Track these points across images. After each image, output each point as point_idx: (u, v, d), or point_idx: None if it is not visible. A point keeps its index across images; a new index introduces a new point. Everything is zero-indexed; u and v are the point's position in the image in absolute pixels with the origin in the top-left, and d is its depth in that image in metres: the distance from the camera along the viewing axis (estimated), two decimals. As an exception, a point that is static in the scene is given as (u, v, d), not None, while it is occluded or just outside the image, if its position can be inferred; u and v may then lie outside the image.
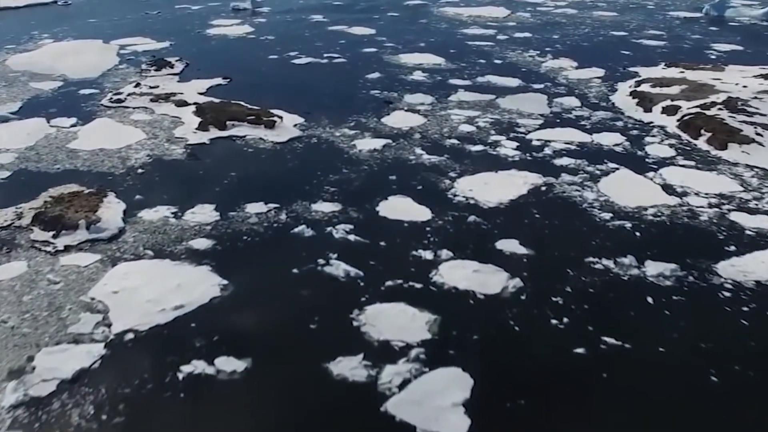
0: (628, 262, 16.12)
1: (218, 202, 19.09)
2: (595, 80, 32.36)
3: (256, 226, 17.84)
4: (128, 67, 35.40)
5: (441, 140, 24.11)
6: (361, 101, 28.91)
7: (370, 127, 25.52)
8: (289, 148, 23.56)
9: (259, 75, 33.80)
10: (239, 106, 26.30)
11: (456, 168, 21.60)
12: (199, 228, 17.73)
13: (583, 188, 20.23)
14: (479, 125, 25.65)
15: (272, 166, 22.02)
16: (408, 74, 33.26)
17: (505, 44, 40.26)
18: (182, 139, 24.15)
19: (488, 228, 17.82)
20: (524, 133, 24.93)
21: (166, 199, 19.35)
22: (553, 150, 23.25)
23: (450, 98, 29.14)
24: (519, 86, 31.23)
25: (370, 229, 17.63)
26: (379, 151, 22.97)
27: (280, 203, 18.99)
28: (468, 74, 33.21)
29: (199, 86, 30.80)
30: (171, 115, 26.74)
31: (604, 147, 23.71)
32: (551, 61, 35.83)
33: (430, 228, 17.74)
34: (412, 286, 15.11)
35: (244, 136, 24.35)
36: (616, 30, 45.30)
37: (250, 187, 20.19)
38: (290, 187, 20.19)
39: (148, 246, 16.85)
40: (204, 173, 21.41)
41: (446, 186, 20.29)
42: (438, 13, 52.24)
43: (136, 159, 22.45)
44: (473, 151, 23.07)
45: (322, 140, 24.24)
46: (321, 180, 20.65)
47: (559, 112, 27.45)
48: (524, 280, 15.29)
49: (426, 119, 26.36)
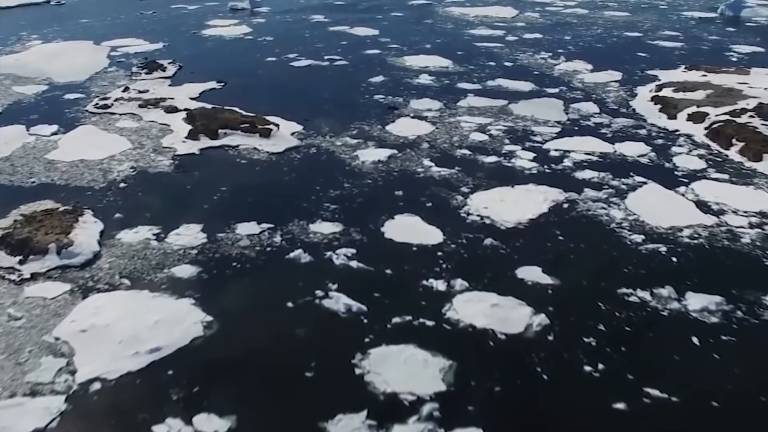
0: (667, 293, 14.21)
1: (206, 222, 17.22)
2: (612, 84, 30.45)
3: (248, 250, 15.96)
4: (118, 70, 33.55)
5: (451, 150, 22.21)
6: (363, 107, 27.03)
7: (373, 135, 23.63)
8: (286, 159, 21.67)
9: (256, 78, 31.92)
10: (233, 113, 24.44)
11: (468, 182, 19.70)
12: (183, 252, 15.85)
13: (609, 205, 18.32)
14: (492, 133, 23.76)
15: (267, 180, 20.14)
16: (413, 78, 31.36)
17: (514, 46, 38.36)
18: (170, 149, 22.28)
19: (507, 253, 15.92)
20: (541, 142, 23.02)
21: (149, 218, 17.49)
22: (573, 161, 21.34)
23: (459, 104, 27.25)
24: (532, 91, 29.32)
25: (374, 254, 15.74)
26: (383, 163, 21.08)
27: (274, 223, 17.11)
28: (477, 78, 31.30)
29: (191, 91, 28.95)
30: (159, 123, 24.89)
31: (628, 158, 21.80)
32: (565, 64, 33.92)
33: (442, 253, 15.84)
34: (422, 323, 13.22)
35: (237, 146, 22.48)
36: (630, 31, 43.38)
37: (241, 205, 18.32)
38: (286, 205, 18.32)
39: (125, 274, 14.98)
40: (192, 188, 19.54)
41: (458, 203, 18.39)
42: (443, 13, 50.35)
43: (118, 172, 20.59)
44: (486, 163, 21.17)
45: (321, 150, 22.36)
46: (320, 196, 18.76)
47: (577, 119, 25.53)
48: (550, 316, 13.39)
49: (434, 127, 24.47)
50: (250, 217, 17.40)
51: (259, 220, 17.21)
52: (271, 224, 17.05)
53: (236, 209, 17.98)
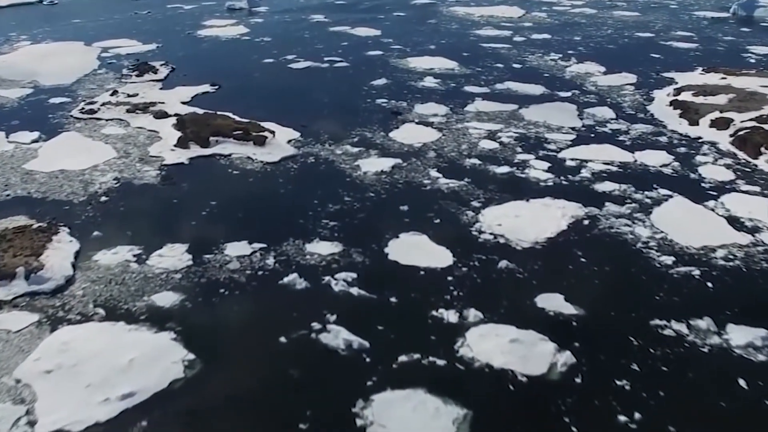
0: (705, 326, 12.66)
1: (192, 242, 15.68)
2: (627, 87, 28.88)
3: (237, 274, 14.41)
4: (108, 72, 32.02)
5: (459, 160, 20.66)
6: (365, 112, 25.48)
7: (376, 143, 22.08)
8: (282, 169, 20.12)
9: (252, 81, 30.35)
10: (225, 119, 22.89)
11: (479, 195, 18.15)
12: (165, 277, 14.31)
13: (634, 222, 16.76)
14: (502, 141, 22.20)
15: (260, 193, 18.58)
16: (418, 80, 29.81)
17: (522, 46, 36.79)
18: (157, 159, 20.74)
19: (524, 277, 14.36)
20: (555, 150, 21.46)
21: (130, 237, 15.95)
22: (591, 172, 19.78)
23: (467, 108, 25.69)
24: (543, 94, 27.76)
25: (377, 279, 14.18)
26: (387, 174, 19.52)
27: (267, 242, 15.57)
28: (485, 80, 29.74)
29: (183, 94, 27.41)
30: (148, 129, 23.36)
31: (650, 168, 20.24)
32: (576, 66, 32.36)
33: (452, 277, 14.29)
34: (432, 362, 11.67)
35: (229, 154, 20.92)
36: (641, 31, 41.82)
37: (232, 221, 16.78)
38: (281, 221, 16.80)
39: (100, 302, 13.44)
40: (179, 202, 18.00)
41: (469, 219, 16.83)
42: (447, 13, 48.80)
43: (100, 184, 19.04)
44: (498, 174, 19.61)
45: (320, 160, 20.80)
46: (318, 211, 17.22)
47: (593, 125, 23.97)
48: (577, 354, 11.85)
49: (441, 134, 22.91)
50: (241, 235, 15.86)
51: (250, 239, 15.67)
52: (264, 244, 15.51)
53: (226, 226, 16.44)
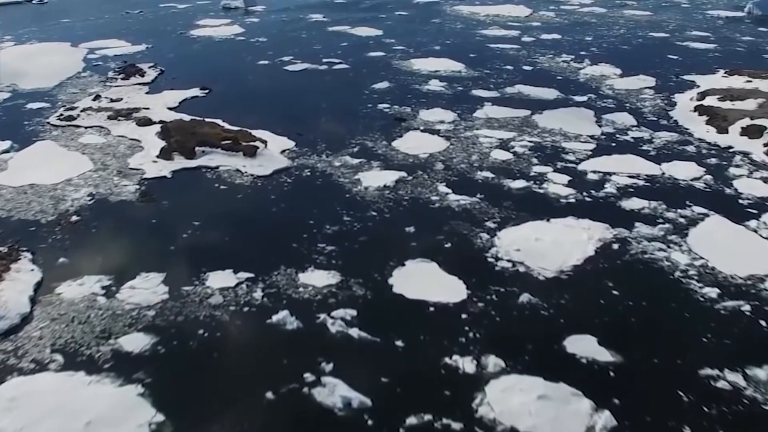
0: (766, 376, 10.79)
1: (170, 270, 13.80)
2: (646, 91, 26.98)
3: (219, 310, 12.53)
4: (92, 75, 30.12)
5: (470, 172, 18.76)
6: (366, 118, 23.58)
7: (378, 153, 20.19)
8: (274, 184, 18.22)
9: (244, 85, 28.44)
10: (214, 127, 20.99)
11: (494, 214, 16.25)
12: (136, 314, 12.43)
13: (669, 246, 14.87)
14: (516, 151, 20.30)
15: (249, 213, 16.68)
16: (422, 83, 27.90)
17: (532, 47, 34.88)
18: (137, 172, 18.85)
19: (550, 315, 12.47)
20: (574, 162, 19.57)
21: (100, 265, 14.07)
22: (616, 186, 17.90)
23: (476, 114, 23.79)
24: (557, 99, 25.86)
25: (380, 318, 12.30)
26: (391, 189, 17.63)
27: (255, 271, 13.68)
28: (494, 83, 27.84)
29: (170, 99, 25.52)
30: (129, 138, 21.47)
31: (680, 182, 18.35)
32: (590, 68, 30.45)
33: (467, 315, 12.40)
34: (447, 426, 9.79)
35: (216, 167, 19.04)
36: (655, 31, 39.89)
37: (216, 246, 14.90)
38: (271, 245, 14.91)
39: (59, 345, 11.56)
40: (158, 223, 16.10)
41: (484, 243, 14.93)
42: (452, 12, 46.86)
43: (73, 200, 17.16)
44: (514, 189, 17.73)
45: (316, 173, 18.90)
46: (314, 233, 15.33)
47: (613, 133, 22.07)
48: (618, 414, 9.97)
49: (448, 143, 21.02)
50: (226, 262, 13.98)
51: (236, 268, 13.79)
52: (251, 273, 13.62)
53: (209, 252, 14.56)
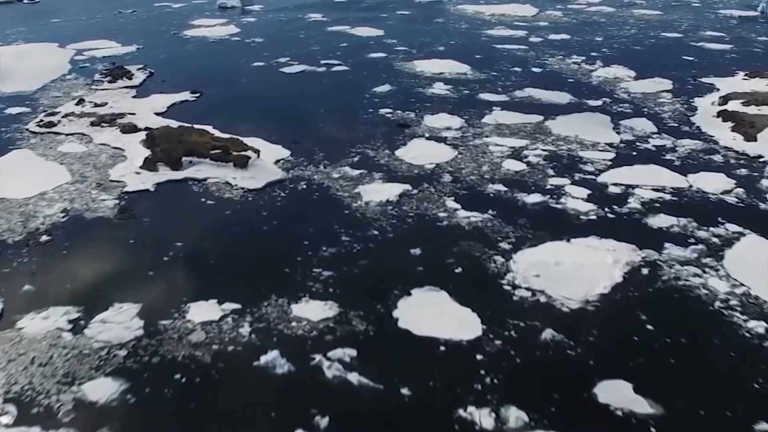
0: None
1: (147, 300, 12.27)
2: (663, 95, 25.44)
3: (200, 350, 10.98)
4: (77, 78, 28.55)
5: (481, 185, 17.22)
6: (367, 124, 22.04)
7: (380, 163, 18.65)
8: (266, 199, 16.66)
9: (238, 88, 26.86)
10: (203, 134, 19.44)
11: (508, 233, 14.71)
12: (106, 354, 10.88)
13: (704, 271, 13.32)
14: (530, 161, 18.77)
15: (238, 232, 15.13)
16: (426, 87, 26.36)
17: (540, 48, 33.33)
18: (118, 185, 17.30)
19: (577, 355, 10.92)
20: (593, 173, 18.03)
21: (69, 293, 12.54)
22: (640, 201, 16.36)
23: (484, 120, 22.25)
24: (570, 103, 24.32)
25: (384, 359, 10.76)
26: (394, 205, 16.08)
27: (243, 302, 12.15)
28: (502, 87, 26.30)
29: (158, 103, 23.98)
30: (112, 146, 19.93)
31: (710, 196, 16.81)
32: (603, 70, 28.91)
33: (483, 356, 10.85)
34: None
35: (204, 179, 17.49)
36: (667, 31, 38.37)
37: (200, 271, 13.36)
38: (261, 270, 13.37)
39: (13, 394, 10.01)
40: (136, 243, 14.54)
41: (498, 268, 13.38)
42: (455, 12, 45.30)
43: (44, 218, 15.62)
44: (529, 205, 16.18)
45: (313, 186, 17.35)
46: (309, 256, 13.78)
47: (632, 141, 20.53)
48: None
49: (456, 152, 19.47)
50: (210, 291, 12.45)
51: (221, 297, 12.26)
52: (238, 304, 12.08)
53: (192, 278, 13.03)
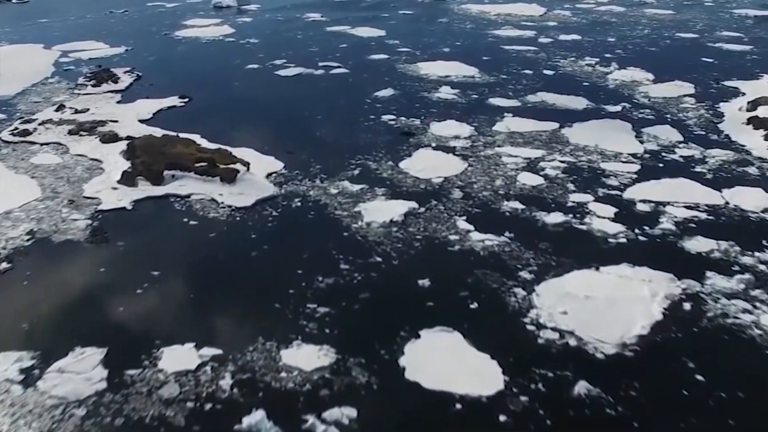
0: None
1: (114, 343, 10.57)
2: (686, 99, 23.72)
3: (172, 409, 9.26)
4: (60, 81, 26.87)
5: (495, 202, 15.51)
6: (368, 132, 20.34)
7: (383, 177, 16.95)
8: (256, 219, 14.94)
9: (229, 93, 25.12)
10: (188, 145, 17.73)
11: (529, 260, 13.00)
12: (60, 414, 9.18)
13: (755, 306, 11.60)
14: (547, 174, 17.07)
15: (223, 260, 13.40)
16: (432, 90, 24.66)
17: (551, 49, 31.61)
18: (92, 202, 15.60)
19: (618, 415, 9.20)
20: (618, 188, 16.33)
21: (25, 336, 10.84)
22: (673, 221, 14.66)
23: (495, 127, 20.54)
24: (587, 109, 22.63)
25: (389, 422, 9.06)
26: (399, 226, 14.37)
27: (224, 346, 10.45)
28: (513, 91, 24.60)
29: (143, 109, 22.29)
30: (89, 158, 18.25)
31: (749, 214, 15.11)
32: (619, 72, 27.20)
33: (507, 417, 9.12)
34: None
35: (187, 195, 15.79)
36: (682, 31, 36.66)
37: (177, 307, 11.67)
38: (247, 307, 11.67)
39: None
40: (107, 273, 12.83)
41: (520, 303, 11.67)
42: (460, 11, 43.59)
43: (6, 241, 13.90)
44: (550, 225, 14.48)
45: (308, 203, 15.64)
46: (302, 288, 12.08)
47: (657, 151, 18.82)
48: None
49: (466, 163, 17.78)
50: (188, 332, 10.76)
51: (200, 340, 10.56)
52: (219, 349, 10.38)
53: (168, 316, 11.34)
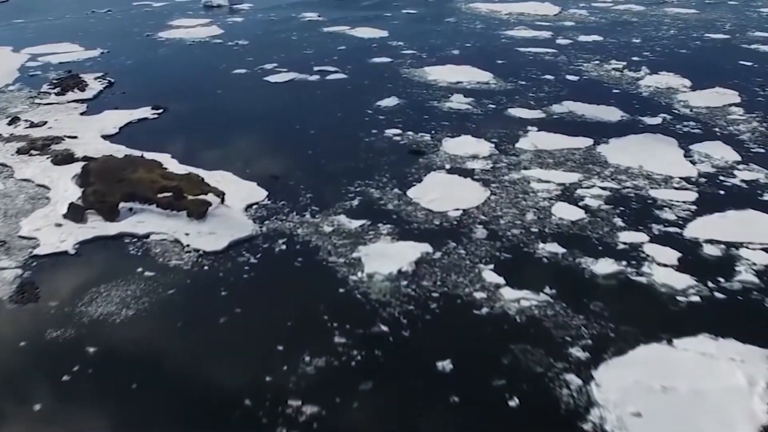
0: None
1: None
2: (732, 110, 20.71)
3: None
4: (22, 89, 23.90)
5: (527, 244, 12.46)
6: (370, 151, 17.31)
7: (388, 210, 13.90)
8: (229, 268, 11.86)
9: (210, 102, 22.02)
10: (152, 169, 14.70)
11: (579, 329, 9.96)
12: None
13: None
14: (588, 204, 14.04)
15: (181, 331, 10.35)
16: (442, 99, 21.62)
17: (571, 51, 28.60)
18: (28, 244, 12.59)
19: None
20: (676, 223, 13.30)
21: None
22: (753, 269, 11.68)
23: (519, 144, 17.53)
24: (622, 121, 19.62)
25: None
26: (409, 279, 11.30)
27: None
28: (535, 99, 21.57)
29: (109, 123, 19.31)
30: (36, 184, 15.28)
31: None
32: (651, 78, 24.18)
33: None
34: None
35: (146, 236, 12.74)
36: (710, 32, 33.66)
37: (111, 405, 8.63)
38: (207, 409, 8.63)
39: None
40: (27, 351, 9.76)
41: (574, 398, 8.63)
42: (467, 10, 40.56)
43: None
44: (600, 276, 11.44)
45: (295, 246, 12.57)
46: (283, 375, 9.04)
47: (713, 174, 15.80)
48: None
49: (488, 191, 14.74)
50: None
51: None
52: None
53: (95, 421, 8.29)
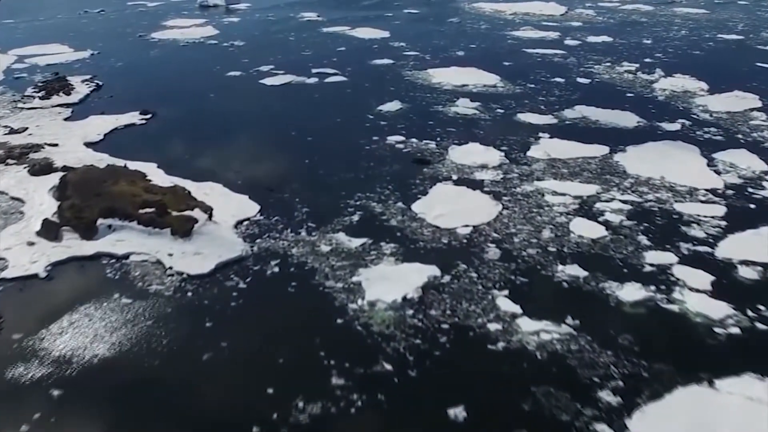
0: None
1: None
2: (755, 115, 19.67)
3: None
4: (5, 92, 22.82)
5: (545, 266, 11.30)
6: (371, 159, 16.17)
7: (391, 226, 12.74)
8: (215, 294, 10.69)
9: (202, 107, 20.91)
10: (134, 182, 13.56)
11: (608, 368, 8.83)
12: None
13: None
14: (609, 220, 12.89)
15: (160, 369, 9.16)
16: (448, 104, 20.49)
17: (581, 53, 27.50)
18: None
19: None
20: (706, 241, 12.16)
21: None
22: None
23: (531, 153, 16.39)
24: (639, 127, 18.49)
25: None
26: (416, 308, 10.13)
27: None
28: (545, 104, 20.45)
29: (93, 129, 18.18)
30: (11, 196, 14.17)
31: None
32: (666, 81, 23.07)
33: None
34: None
35: (125, 256, 11.59)
36: (723, 32, 32.60)
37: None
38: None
39: None
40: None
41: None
42: (471, 10, 39.49)
43: None
44: (627, 304, 10.30)
45: (289, 269, 11.39)
46: (272, 427, 7.88)
47: (741, 185, 14.68)
48: None
49: (499, 205, 13.59)
50: None
51: None
52: None
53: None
